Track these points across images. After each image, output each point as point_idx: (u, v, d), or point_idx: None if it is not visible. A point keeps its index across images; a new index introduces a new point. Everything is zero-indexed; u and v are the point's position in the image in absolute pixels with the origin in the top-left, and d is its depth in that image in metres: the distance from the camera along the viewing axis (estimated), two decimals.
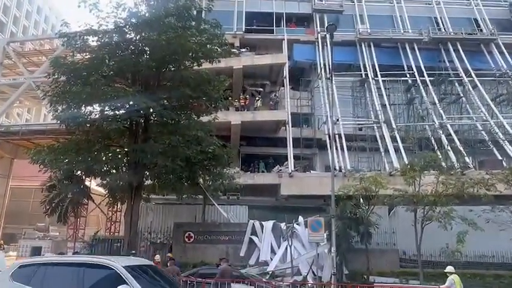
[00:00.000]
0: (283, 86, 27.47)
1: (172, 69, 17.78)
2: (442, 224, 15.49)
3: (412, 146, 24.33)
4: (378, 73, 27.99)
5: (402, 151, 23.56)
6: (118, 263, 6.27)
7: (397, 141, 24.41)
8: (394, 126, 25.55)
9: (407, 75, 28.31)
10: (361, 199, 17.85)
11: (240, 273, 12.96)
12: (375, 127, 25.96)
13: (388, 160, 23.82)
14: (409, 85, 28.20)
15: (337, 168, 22.56)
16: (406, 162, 20.01)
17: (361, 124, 26.63)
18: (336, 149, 23.40)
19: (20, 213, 38.88)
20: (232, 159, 20.47)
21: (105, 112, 17.12)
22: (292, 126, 25.73)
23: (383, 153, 24.44)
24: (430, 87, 27.37)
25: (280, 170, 24.58)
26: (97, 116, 17.07)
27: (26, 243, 23.17)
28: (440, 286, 11.79)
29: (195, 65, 17.97)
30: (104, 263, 6.31)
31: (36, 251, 18.63)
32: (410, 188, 16.69)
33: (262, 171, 25.56)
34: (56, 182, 21.36)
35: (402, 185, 17.01)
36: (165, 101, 17.28)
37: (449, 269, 11.61)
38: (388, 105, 26.76)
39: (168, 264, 13.26)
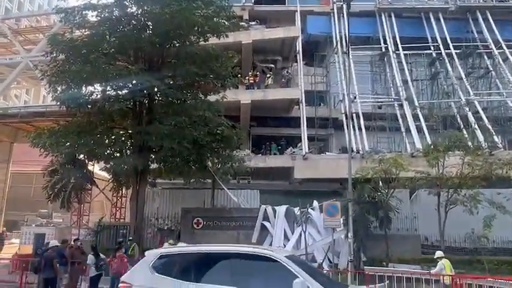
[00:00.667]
0: (296, 61, 27.22)
1: (177, 45, 17.77)
2: (467, 208, 15.44)
3: (436, 125, 24.07)
4: (399, 46, 27.48)
5: (425, 130, 23.33)
6: (279, 254, 5.83)
7: (419, 120, 24.15)
8: (416, 103, 25.23)
9: (432, 48, 27.76)
10: (380, 182, 17.84)
11: None
12: (396, 105, 25.68)
13: (409, 140, 23.64)
14: (433, 59, 27.68)
15: (355, 149, 22.48)
16: (429, 143, 19.88)
17: (381, 102, 26.34)
18: (353, 129, 23.24)
19: (22, 199, 39.75)
20: (242, 140, 20.61)
21: (107, 92, 17.30)
22: (306, 105, 25.55)
23: (404, 133, 24.24)
24: (457, 60, 26.83)
25: (294, 152, 24.59)
26: (98, 96, 17.27)
27: (28, 230, 23.69)
28: (431, 271, 12.20)
29: (201, 40, 17.92)
30: (265, 254, 5.82)
31: (40, 238, 19.10)
32: (433, 170, 16.61)
33: (274, 154, 25.59)
34: (58, 167, 21.72)
35: (425, 167, 16.93)
36: (170, 80, 17.37)
37: (439, 253, 12.10)
38: (410, 81, 26.37)
39: None
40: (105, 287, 11.88)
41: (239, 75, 22.19)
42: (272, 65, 27.63)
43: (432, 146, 17.35)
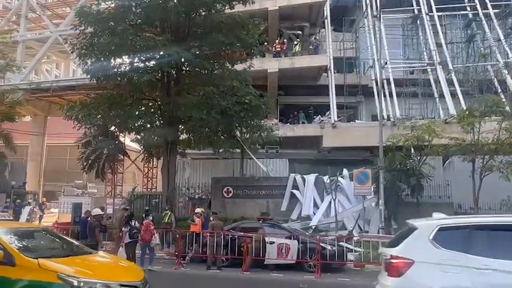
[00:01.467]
0: (324, 27, 26.57)
1: (203, 14, 17.62)
2: (503, 174, 15.07)
3: (472, 90, 23.20)
4: (433, 7, 26.24)
5: (460, 95, 22.56)
6: None
7: (453, 85, 23.31)
8: (450, 67, 24.30)
9: (468, 9, 26.40)
10: (412, 149, 17.56)
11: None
12: (429, 70, 24.85)
13: (443, 106, 22.97)
14: (469, 20, 26.39)
15: (386, 116, 22.07)
16: (464, 108, 19.25)
17: (413, 67, 25.56)
18: (384, 95, 22.72)
19: (58, 171, 41.47)
20: (270, 110, 20.59)
21: (135, 64, 17.49)
22: (334, 72, 25.13)
23: (437, 99, 23.54)
24: (495, 21, 25.45)
25: (322, 120, 24.41)
26: (127, 68, 17.49)
27: (66, 200, 24.90)
28: None
29: (226, 7, 17.71)
30: None
31: (77, 207, 20.00)
32: (468, 136, 16.18)
33: (303, 123, 25.45)
34: (91, 139, 22.44)
35: (459, 133, 16.50)
36: (197, 50, 17.34)
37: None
38: (444, 45, 25.33)
39: (212, 218, 13.92)
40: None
41: (266, 43, 22.00)
42: (299, 32, 27.05)
43: (467, 112, 16.79)
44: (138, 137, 20.14)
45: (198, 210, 15.49)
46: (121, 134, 22.37)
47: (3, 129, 25.75)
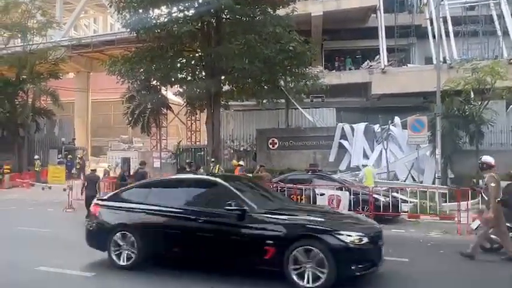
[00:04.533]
0: None
1: None
2: None
3: None
4: None
5: None
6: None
7: None
8: None
9: None
10: (472, 94, 16.58)
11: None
12: (491, 4, 22.87)
13: (507, 45, 21.35)
14: None
15: (442, 58, 20.81)
16: None
17: (473, 2, 23.59)
18: (440, 36, 21.30)
19: (104, 126, 43.22)
20: (315, 56, 20.04)
21: (174, 14, 17.25)
22: (384, 12, 23.68)
23: (501, 37, 21.81)
24: None
25: (371, 65, 23.50)
26: (166, 19, 17.29)
27: (114, 155, 26.05)
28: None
29: None
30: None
31: (126, 162, 20.88)
32: None
33: (350, 69, 24.72)
34: (134, 93, 22.90)
35: None
36: None
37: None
38: None
39: (260, 171, 14.04)
40: None
41: None
42: None
43: None
44: (181, 90, 20.35)
45: (235, 162, 15.68)
46: (163, 88, 22.65)
47: (49, 86, 26.70)
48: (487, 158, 7.82)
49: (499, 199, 7.37)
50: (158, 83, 20.78)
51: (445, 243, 8.89)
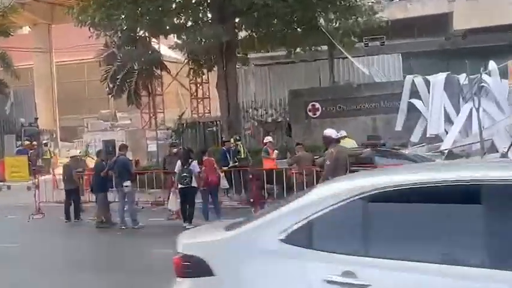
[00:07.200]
0: None
1: None
2: None
3: None
4: None
5: None
6: None
7: None
8: None
9: None
10: None
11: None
12: None
13: None
14: None
15: None
16: None
17: None
18: None
19: (75, 99, 43.48)
20: None
21: None
22: None
23: None
24: None
25: None
26: None
27: (92, 138, 26.38)
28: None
29: None
30: None
31: (110, 146, 21.12)
32: None
33: None
34: (115, 50, 22.99)
35: None
36: None
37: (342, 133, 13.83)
38: None
39: (297, 151, 14.04)
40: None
41: None
42: None
43: None
44: (179, 41, 20.33)
45: (268, 138, 15.66)
46: (155, 40, 22.67)
47: None
48: (327, 131, 9.16)
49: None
50: (147, 34, 20.86)
51: None
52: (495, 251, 3.23)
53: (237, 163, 15.54)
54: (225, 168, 14.87)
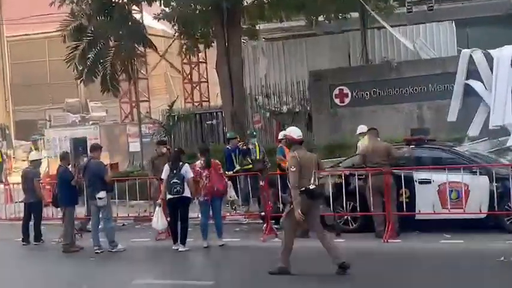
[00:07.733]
0: None
1: None
2: None
3: None
4: None
5: None
6: None
7: None
8: None
9: None
10: None
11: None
12: None
13: None
14: None
15: None
16: None
17: None
18: None
19: (34, 85, 43.38)
20: None
21: None
22: None
23: None
24: None
25: None
26: None
27: (58, 135, 26.32)
28: None
29: None
30: None
31: (81, 145, 21.13)
32: None
33: None
34: (84, 21, 22.87)
35: None
36: None
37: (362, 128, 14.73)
38: None
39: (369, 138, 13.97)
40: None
41: None
42: None
43: None
44: (167, 9, 20.31)
45: (282, 133, 15.61)
46: (136, 8, 22.65)
47: None
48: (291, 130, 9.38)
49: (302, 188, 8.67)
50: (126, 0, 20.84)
51: None
52: None
53: (250, 166, 15.55)
54: (230, 173, 14.87)
